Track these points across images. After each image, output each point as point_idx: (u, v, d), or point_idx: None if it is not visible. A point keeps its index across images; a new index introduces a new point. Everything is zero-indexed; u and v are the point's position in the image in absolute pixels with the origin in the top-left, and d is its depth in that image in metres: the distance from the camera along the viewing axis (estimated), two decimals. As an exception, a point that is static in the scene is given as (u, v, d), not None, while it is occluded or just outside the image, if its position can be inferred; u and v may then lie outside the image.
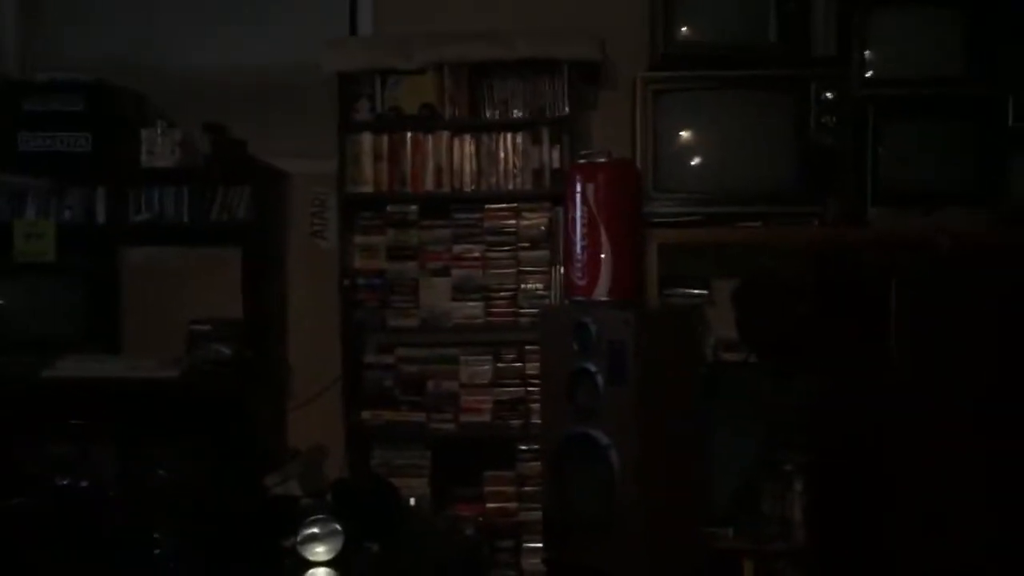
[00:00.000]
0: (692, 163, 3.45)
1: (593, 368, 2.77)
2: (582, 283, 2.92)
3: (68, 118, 3.70)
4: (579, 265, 2.92)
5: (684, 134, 3.45)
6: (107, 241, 4.01)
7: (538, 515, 3.33)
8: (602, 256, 2.87)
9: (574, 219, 2.92)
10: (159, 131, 3.77)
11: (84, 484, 3.15)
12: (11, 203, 3.82)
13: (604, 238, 2.87)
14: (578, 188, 2.90)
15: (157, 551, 2.44)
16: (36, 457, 3.35)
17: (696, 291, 3.69)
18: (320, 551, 2.32)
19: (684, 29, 3.45)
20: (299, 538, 2.32)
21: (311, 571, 2.30)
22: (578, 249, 2.92)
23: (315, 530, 2.33)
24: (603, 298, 2.88)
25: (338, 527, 2.33)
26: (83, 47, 4.12)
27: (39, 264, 3.72)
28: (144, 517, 2.62)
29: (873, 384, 2.77)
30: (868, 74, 3.39)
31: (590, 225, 2.88)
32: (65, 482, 3.16)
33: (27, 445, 3.38)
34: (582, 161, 2.98)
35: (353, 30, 4.04)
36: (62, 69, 3.83)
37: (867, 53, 3.38)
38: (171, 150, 3.77)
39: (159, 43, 4.11)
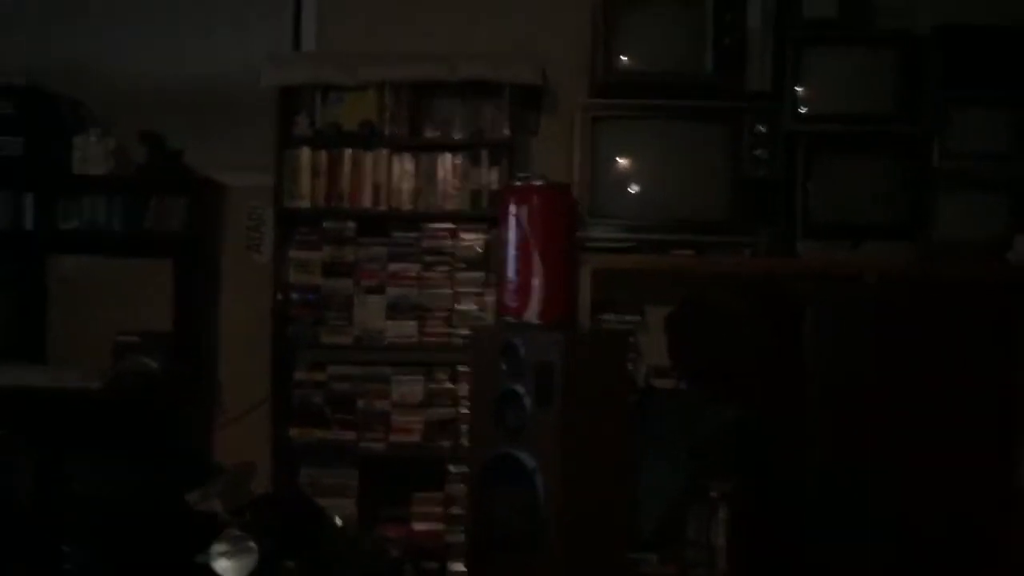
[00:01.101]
0: (628, 190, 3.49)
1: (521, 390, 2.77)
2: (514, 305, 2.92)
3: (-1, 121, 3.63)
4: (511, 287, 2.92)
5: (621, 161, 3.49)
6: (35, 248, 3.93)
7: (463, 537, 3.32)
8: (534, 278, 2.88)
9: (507, 240, 2.93)
10: (93, 138, 3.72)
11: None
12: (-66, 206, 3.73)
13: (536, 261, 2.88)
14: (512, 210, 2.91)
15: (66, 566, 2.37)
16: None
17: (629, 317, 3.72)
18: (233, 568, 2.27)
19: (624, 58, 3.50)
20: (211, 554, 2.27)
21: (224, 588, 2.25)
22: (511, 271, 2.92)
23: (228, 546, 2.28)
24: (534, 320, 2.89)
25: (252, 544, 2.28)
26: (19, 52, 4.03)
27: (-39, 269, 3.63)
28: (56, 531, 2.55)
29: (790, 411, 2.82)
30: (801, 110, 3.47)
31: (523, 247, 2.89)
32: (-24, 494, 3.08)
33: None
34: (517, 183, 2.99)
35: (297, 45, 4.03)
36: (-8, 73, 3.77)
37: (800, 89, 3.46)
38: (105, 157, 3.73)
39: (97, 50, 4.04)
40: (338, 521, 3.09)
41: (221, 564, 2.26)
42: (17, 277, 3.85)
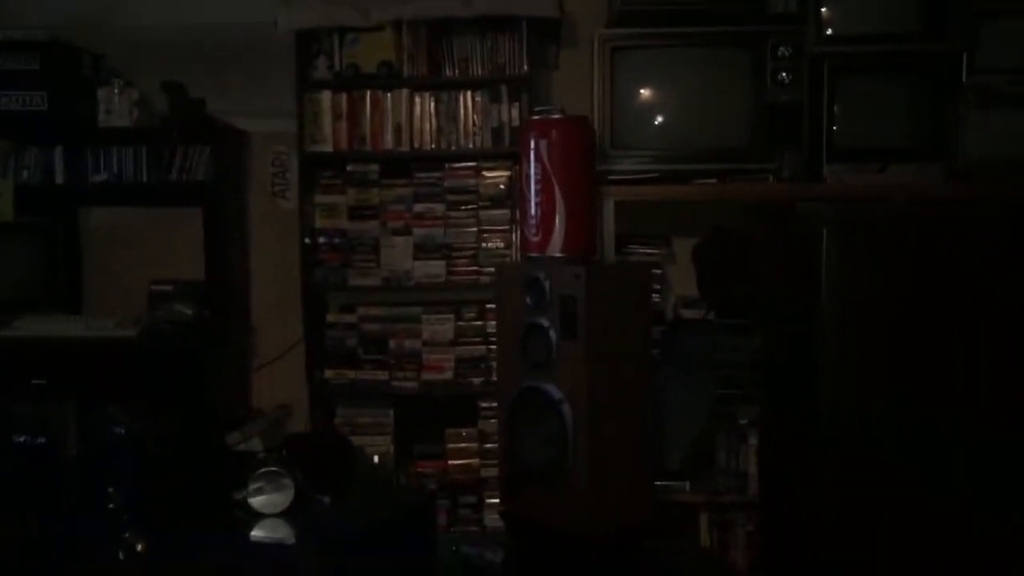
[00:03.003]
0: (649, 120, 3.45)
1: (546, 323, 2.79)
2: (536, 239, 2.93)
3: (24, 77, 3.66)
4: (533, 222, 2.93)
5: (642, 91, 3.44)
6: (66, 201, 3.99)
7: (496, 472, 3.38)
8: (556, 212, 2.88)
9: (528, 175, 2.92)
10: (116, 90, 3.75)
11: (41, 441, 3.17)
12: (-35, 163, 3.79)
13: (558, 194, 2.87)
14: (532, 144, 2.90)
15: (111, 506, 2.45)
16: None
17: (655, 248, 3.71)
18: (269, 502, 2.34)
19: (642, -14, 3.43)
20: (249, 490, 2.34)
21: (261, 522, 2.32)
22: (532, 206, 2.92)
23: (265, 483, 2.35)
24: (557, 254, 2.90)
25: (288, 480, 2.35)
26: (39, 6, 4.06)
27: (-5, 224, 3.70)
28: (100, 474, 2.63)
29: (809, 336, 2.81)
30: (826, 31, 3.39)
31: (544, 181, 2.89)
32: (22, 439, 3.18)
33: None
34: (536, 118, 2.98)
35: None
36: (17, 28, 3.78)
37: (824, 10, 3.37)
38: (129, 109, 3.75)
39: (114, 2, 4.05)
40: (375, 459, 3.17)
41: (258, 499, 2.33)
42: (50, 230, 3.90)
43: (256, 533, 2.28)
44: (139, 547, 2.22)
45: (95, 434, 3.30)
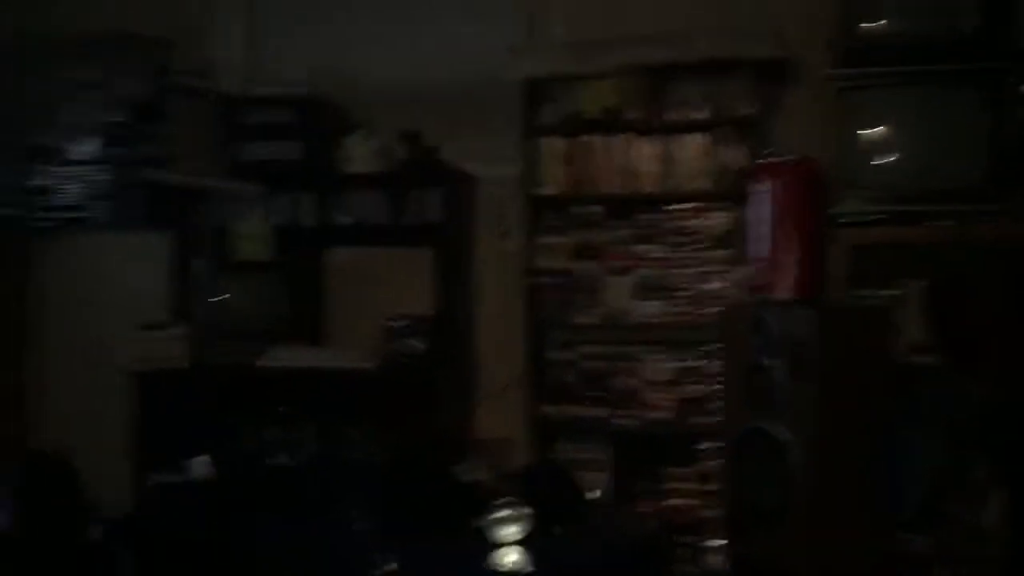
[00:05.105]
0: (880, 160, 3.38)
1: (774, 365, 2.78)
2: (766, 281, 2.92)
3: (280, 129, 4.03)
4: (763, 264, 2.93)
5: (872, 131, 3.38)
6: (312, 242, 4.32)
7: (718, 513, 3.36)
8: (786, 255, 2.87)
9: (757, 218, 2.93)
10: (359, 139, 4.05)
11: (291, 464, 3.44)
12: (231, 208, 4.17)
13: (788, 237, 2.87)
14: (762, 187, 2.91)
15: (355, 528, 2.62)
16: (251, 439, 3.67)
17: (885, 291, 3.60)
18: (509, 532, 2.44)
19: (871, 23, 3.38)
20: (489, 519, 2.45)
21: (500, 551, 2.42)
22: (762, 248, 2.93)
23: (505, 512, 2.45)
24: (786, 296, 2.88)
25: (527, 510, 2.45)
26: (292, 61, 4.44)
27: (255, 262, 4.06)
28: (342, 495, 2.82)
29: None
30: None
31: (774, 224, 2.89)
32: (275, 462, 3.46)
33: (243, 427, 3.71)
34: (766, 161, 2.99)
35: (534, 35, 4.17)
36: (274, 84, 4.16)
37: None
38: (370, 157, 4.04)
39: (357, 55, 4.35)
40: (595, 494, 3.23)
41: (498, 529, 2.44)
42: (297, 268, 4.24)
43: (495, 560, 2.39)
44: (388, 567, 2.36)
45: (339, 458, 3.55)
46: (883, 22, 3.39)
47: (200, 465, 3.02)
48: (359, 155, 4.04)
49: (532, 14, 4.19)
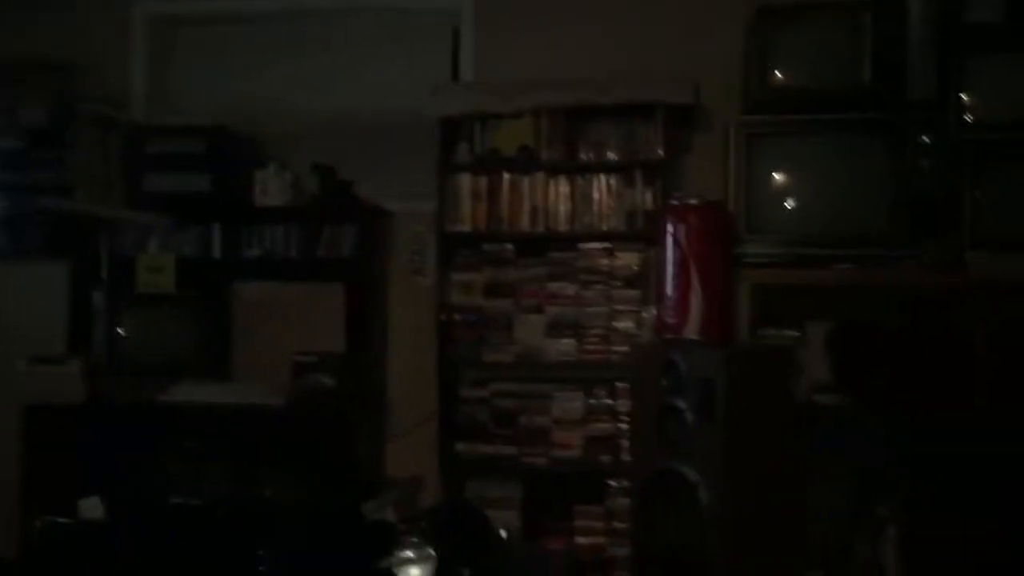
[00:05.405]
0: (786, 205, 3.48)
1: (683, 405, 2.81)
2: (673, 321, 2.96)
3: (189, 160, 3.95)
4: (670, 304, 2.97)
5: (777, 177, 3.49)
6: (221, 275, 4.23)
7: (626, 551, 3.38)
8: (693, 296, 2.92)
9: (666, 259, 2.98)
10: (271, 172, 3.99)
11: (195, 503, 3.33)
12: (135, 238, 4.06)
13: (695, 278, 2.91)
14: (670, 229, 2.96)
15: (262, 568, 2.55)
16: (153, 477, 3.54)
17: (789, 332, 3.68)
18: (414, 573, 2.40)
19: (778, 73, 3.50)
20: (394, 560, 2.41)
21: (406, 592, 2.38)
22: (669, 289, 2.97)
23: (410, 553, 2.41)
24: (693, 336, 2.93)
25: (431, 551, 2.41)
26: (202, 91, 4.38)
27: (159, 295, 3.95)
28: (250, 536, 2.74)
29: (961, 430, 2.74)
30: (967, 117, 3.37)
31: (681, 265, 2.93)
32: (178, 501, 3.34)
33: (144, 465, 3.58)
34: (674, 203, 3.04)
35: (455, 75, 4.20)
36: (184, 113, 4.09)
37: (965, 96, 3.37)
38: (282, 190, 3.99)
39: (272, 87, 4.33)
40: (503, 533, 3.20)
41: (404, 570, 2.40)
42: (205, 301, 4.14)
43: (401, 602, 2.35)
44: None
45: (245, 497, 3.45)
46: (789, 73, 3.50)
47: (91, 506, 2.89)
48: (271, 188, 3.98)
49: (453, 53, 4.21)
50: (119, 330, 3.81)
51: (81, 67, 3.97)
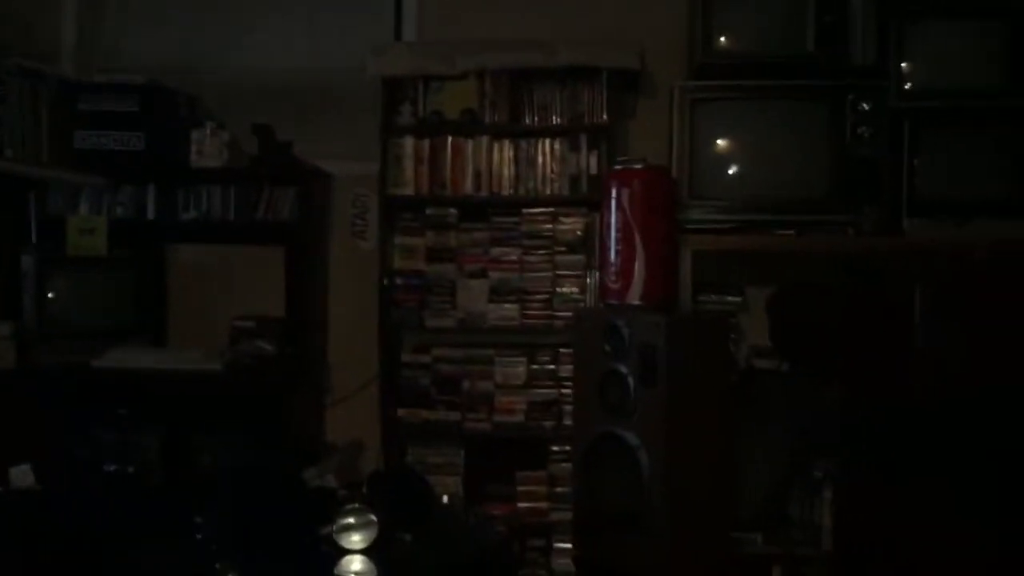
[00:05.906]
0: (728, 171, 3.49)
1: (624, 370, 2.83)
2: (616, 287, 2.98)
3: (123, 118, 3.82)
4: (613, 269, 2.98)
5: (720, 143, 3.49)
6: (156, 237, 4.13)
7: (569, 515, 3.40)
8: (636, 261, 2.93)
9: (609, 224, 2.98)
10: (208, 132, 3.89)
11: (131, 470, 3.27)
12: (66, 199, 3.94)
13: (638, 243, 2.93)
14: (613, 194, 2.96)
15: (199, 535, 2.51)
16: (85, 444, 3.47)
17: (730, 297, 3.72)
18: (355, 539, 2.38)
19: (722, 39, 3.48)
20: (335, 527, 2.39)
21: (346, 558, 2.36)
22: (612, 254, 2.98)
23: (351, 519, 2.39)
24: (636, 302, 2.94)
25: (373, 517, 2.40)
26: (137, 48, 4.25)
27: (91, 258, 3.84)
28: (186, 503, 2.71)
29: (899, 392, 2.80)
30: (906, 85, 3.41)
31: (624, 230, 2.94)
32: (112, 468, 3.28)
33: (77, 432, 3.50)
34: (618, 168, 3.04)
35: (398, 36, 4.13)
36: (117, 70, 3.96)
37: (905, 64, 3.40)
38: (220, 150, 3.88)
39: (210, 45, 4.24)
40: (444, 499, 3.20)
41: (346, 536, 2.38)
42: (140, 264, 4.04)
43: (342, 569, 2.33)
44: (231, 576, 2.28)
45: (182, 464, 3.40)
46: (733, 39, 3.50)
47: (21, 474, 2.83)
48: (208, 148, 3.87)
49: (396, 12, 4.13)
50: (49, 294, 3.68)
51: (7, 17, 3.81)
